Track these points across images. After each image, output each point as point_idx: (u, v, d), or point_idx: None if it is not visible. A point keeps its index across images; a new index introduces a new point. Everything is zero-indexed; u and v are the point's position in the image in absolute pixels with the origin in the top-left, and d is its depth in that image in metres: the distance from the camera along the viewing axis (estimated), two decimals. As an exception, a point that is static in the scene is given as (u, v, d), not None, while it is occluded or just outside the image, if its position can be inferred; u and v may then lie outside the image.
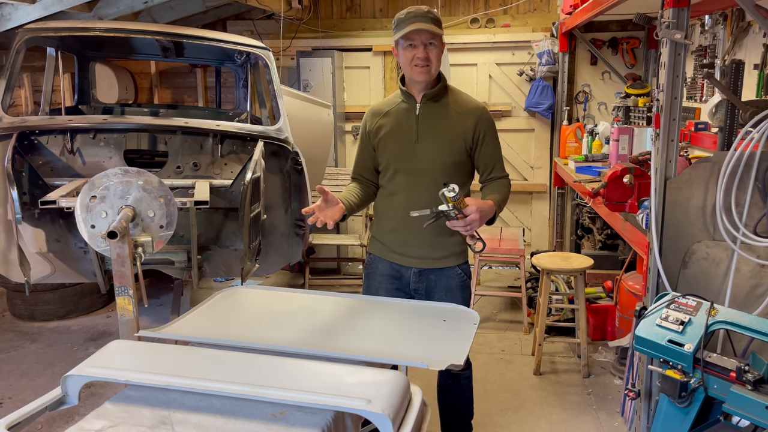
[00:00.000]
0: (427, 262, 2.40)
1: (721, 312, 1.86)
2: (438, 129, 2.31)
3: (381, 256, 2.48)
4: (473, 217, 2.06)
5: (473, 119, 2.31)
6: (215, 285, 5.25)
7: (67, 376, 1.58)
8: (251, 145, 3.34)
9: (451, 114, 2.32)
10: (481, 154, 2.35)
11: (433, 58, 2.23)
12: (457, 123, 2.31)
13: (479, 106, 2.37)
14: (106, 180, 2.27)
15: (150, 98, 6.01)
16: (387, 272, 2.46)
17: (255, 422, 1.48)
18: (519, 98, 5.64)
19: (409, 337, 1.96)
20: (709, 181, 2.30)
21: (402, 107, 2.36)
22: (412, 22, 2.18)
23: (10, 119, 3.13)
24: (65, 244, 3.19)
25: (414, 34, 2.19)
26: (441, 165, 2.29)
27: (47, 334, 4.34)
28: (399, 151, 2.34)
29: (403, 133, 2.33)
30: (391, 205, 2.40)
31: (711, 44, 3.78)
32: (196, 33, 3.65)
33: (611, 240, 4.81)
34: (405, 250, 2.41)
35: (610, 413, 3.26)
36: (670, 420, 1.91)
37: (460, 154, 2.32)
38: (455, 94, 2.38)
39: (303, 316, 2.12)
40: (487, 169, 2.39)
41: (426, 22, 2.18)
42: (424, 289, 2.43)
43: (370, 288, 2.50)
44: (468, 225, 2.07)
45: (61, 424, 3.00)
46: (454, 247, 2.39)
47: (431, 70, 2.25)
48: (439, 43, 2.24)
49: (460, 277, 2.43)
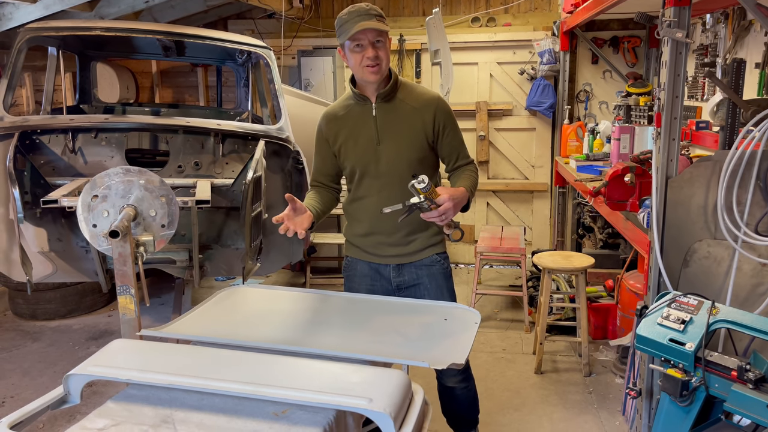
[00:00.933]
0: (404, 258, 2.39)
1: (723, 311, 1.86)
2: (398, 128, 2.28)
3: (358, 257, 2.46)
4: (447, 206, 2.03)
5: (431, 112, 2.28)
6: (216, 284, 5.26)
7: (69, 375, 1.59)
8: (252, 145, 3.34)
9: (408, 110, 2.29)
10: (443, 145, 2.33)
11: (382, 56, 2.18)
12: (415, 119, 2.28)
13: (434, 97, 2.33)
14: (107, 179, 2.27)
15: (151, 97, 6.01)
16: (366, 272, 2.45)
17: (257, 421, 1.49)
18: (520, 97, 5.64)
19: (411, 336, 1.96)
20: (710, 179, 2.30)
21: (357, 110, 2.32)
22: (356, 21, 2.12)
23: (11, 119, 3.14)
24: (67, 243, 3.20)
25: (360, 34, 2.13)
26: (406, 163, 2.27)
27: (49, 333, 4.34)
28: (362, 155, 2.31)
29: (363, 137, 2.30)
30: (361, 208, 2.38)
31: (712, 43, 3.77)
32: (197, 32, 3.65)
33: (612, 239, 4.81)
34: (380, 250, 2.40)
35: (612, 412, 3.26)
36: (671, 419, 1.91)
37: (423, 149, 2.30)
38: (408, 89, 2.33)
39: (304, 315, 2.13)
40: (452, 159, 2.37)
41: (370, 20, 2.12)
42: (407, 282, 2.42)
43: (351, 289, 2.48)
44: (442, 214, 2.04)
45: (62, 423, 3.00)
46: (428, 240, 2.39)
47: (382, 69, 2.20)
48: (386, 40, 2.20)
49: (441, 265, 2.42)
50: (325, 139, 2.38)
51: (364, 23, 2.11)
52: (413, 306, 2.23)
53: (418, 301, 2.28)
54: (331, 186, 2.45)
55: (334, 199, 2.45)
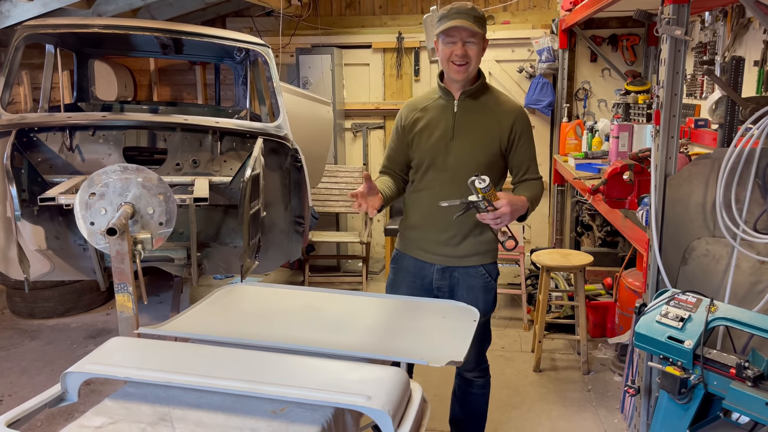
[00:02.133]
0: (450, 260, 2.38)
1: (721, 308, 1.86)
2: (475, 127, 2.29)
3: (406, 252, 2.47)
4: (504, 210, 2.04)
5: (510, 119, 2.30)
6: (215, 282, 5.26)
7: (67, 373, 1.58)
8: (251, 142, 3.33)
9: (489, 113, 2.30)
10: (515, 155, 2.34)
11: (471, 56, 2.21)
12: (493, 122, 2.30)
13: (517, 106, 2.36)
14: (105, 177, 2.27)
15: (149, 95, 5.99)
16: (411, 268, 2.45)
17: (255, 419, 1.48)
18: (519, 95, 5.63)
19: (409, 334, 1.96)
20: (709, 177, 2.30)
21: (439, 103, 2.35)
22: (453, 18, 2.16)
23: (9, 116, 3.12)
24: (65, 241, 3.19)
25: (453, 30, 2.17)
26: (474, 163, 2.26)
27: (47, 331, 4.34)
28: (433, 146, 2.32)
29: (438, 129, 2.32)
30: (419, 201, 2.39)
31: (711, 41, 3.77)
32: (195, 30, 3.64)
33: (611, 237, 4.81)
34: (429, 246, 2.40)
35: (610, 410, 3.26)
36: (669, 416, 1.91)
37: (494, 154, 2.31)
38: (494, 93, 2.36)
39: (303, 313, 2.12)
40: (521, 170, 2.37)
41: (467, 19, 2.15)
42: (447, 287, 2.41)
43: (394, 283, 2.50)
44: (498, 218, 2.06)
45: (60, 421, 3.00)
46: (479, 247, 2.37)
47: (469, 69, 2.23)
48: (479, 42, 2.21)
49: (484, 278, 2.40)
50: (402, 126, 2.40)
51: (459, 21, 2.15)
52: (412, 304, 2.22)
53: (416, 299, 2.28)
54: (401, 175, 2.46)
55: (401, 188, 2.46)
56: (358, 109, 5.82)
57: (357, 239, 5.20)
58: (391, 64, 5.72)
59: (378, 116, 5.84)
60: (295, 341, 1.82)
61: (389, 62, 5.72)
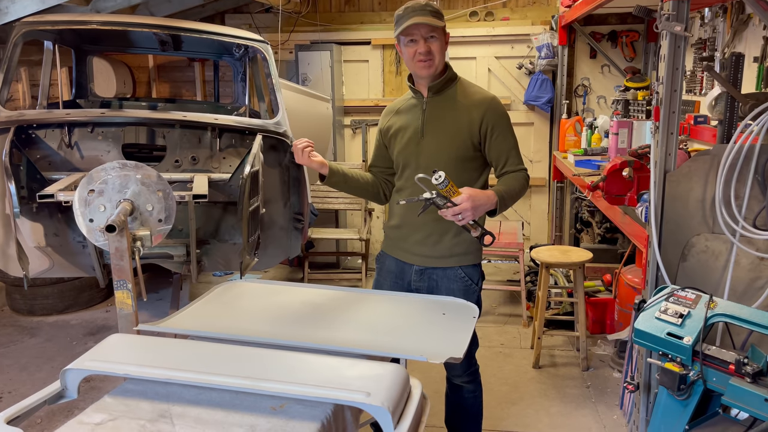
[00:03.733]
0: (428, 260, 2.36)
1: (721, 305, 1.86)
2: (442, 123, 2.27)
3: (387, 252, 2.48)
4: (463, 206, 1.98)
5: (480, 112, 2.24)
6: (214, 279, 5.26)
7: (66, 369, 1.58)
8: (250, 139, 3.32)
9: (458, 107, 2.27)
10: (491, 148, 2.27)
11: (435, 51, 2.19)
12: (462, 116, 2.26)
13: (487, 97, 2.29)
14: (104, 174, 2.26)
15: (148, 92, 5.99)
16: (392, 268, 2.45)
17: (254, 415, 1.49)
18: (518, 92, 5.63)
19: (409, 331, 1.96)
20: (708, 173, 2.30)
21: (411, 104, 2.35)
22: (410, 16, 2.15)
23: (7, 113, 3.12)
24: (64, 238, 3.18)
25: (413, 28, 2.16)
26: (447, 160, 2.23)
27: (46, 328, 4.34)
28: (406, 147, 2.33)
29: (410, 130, 2.32)
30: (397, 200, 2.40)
31: (711, 37, 3.77)
32: (193, 26, 3.63)
33: (610, 233, 4.82)
34: (407, 246, 2.40)
35: (609, 406, 3.27)
36: (669, 412, 1.92)
37: (465, 148, 2.26)
38: (464, 86, 2.32)
39: (302, 310, 2.12)
40: (500, 163, 2.29)
41: (424, 15, 2.15)
42: (425, 288, 2.39)
43: (378, 283, 2.51)
44: (458, 213, 1.99)
45: (60, 418, 3.00)
46: (456, 248, 2.33)
47: (434, 64, 2.21)
48: (440, 36, 2.20)
49: (464, 281, 2.34)
50: (380, 130, 2.44)
51: (417, 18, 2.14)
52: (411, 300, 2.22)
53: (416, 296, 2.27)
54: (383, 175, 2.48)
55: (377, 183, 2.46)
56: (357, 105, 5.81)
57: (356, 236, 5.20)
58: (390, 61, 5.71)
59: (377, 113, 5.83)
60: (295, 338, 1.82)
61: (388, 59, 5.71)
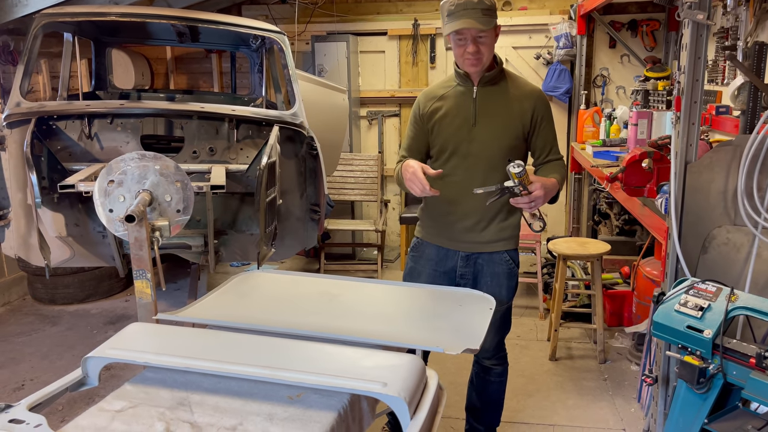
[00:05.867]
0: (475, 246, 2.39)
1: (742, 298, 1.83)
2: (496, 113, 2.30)
3: (429, 240, 2.47)
4: (538, 194, 2.08)
5: (531, 102, 2.30)
6: (231, 269, 5.29)
7: (87, 357, 1.61)
8: (267, 130, 3.33)
9: (509, 98, 2.30)
10: (538, 137, 2.35)
11: (484, 51, 2.19)
12: (514, 107, 2.30)
13: (536, 89, 2.36)
14: (123, 164, 2.28)
15: (166, 84, 6.02)
16: (433, 256, 2.45)
17: (272, 404, 1.50)
18: (536, 82, 5.55)
19: (425, 322, 1.96)
20: (730, 165, 2.26)
21: (458, 90, 2.34)
22: (460, 16, 2.12)
23: (28, 104, 3.15)
24: (84, 228, 3.22)
25: (462, 30, 2.15)
26: (498, 148, 2.28)
27: (67, 317, 4.40)
28: (456, 134, 2.32)
29: (460, 117, 2.31)
30: (444, 187, 2.34)
31: (733, 26, 3.69)
32: (211, 17, 3.64)
33: (629, 225, 4.77)
34: (453, 234, 2.40)
35: (627, 399, 3.25)
36: (687, 406, 1.90)
37: (516, 138, 2.31)
38: (512, 78, 2.36)
39: (319, 300, 2.13)
40: (544, 152, 2.39)
41: (474, 17, 2.11)
42: (470, 274, 2.41)
43: (414, 271, 2.49)
44: (532, 201, 2.09)
45: (81, 405, 3.05)
46: (503, 232, 2.39)
47: (483, 62, 2.22)
48: (490, 34, 2.19)
49: (508, 264, 2.41)
50: (421, 115, 2.40)
51: (467, 21, 2.11)
52: (428, 291, 2.22)
53: (432, 287, 2.27)
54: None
55: None
56: (373, 96, 5.80)
57: (372, 227, 5.20)
58: (406, 52, 5.68)
59: (393, 104, 5.82)
60: (311, 328, 1.83)
61: (405, 49, 5.69)
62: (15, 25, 4.33)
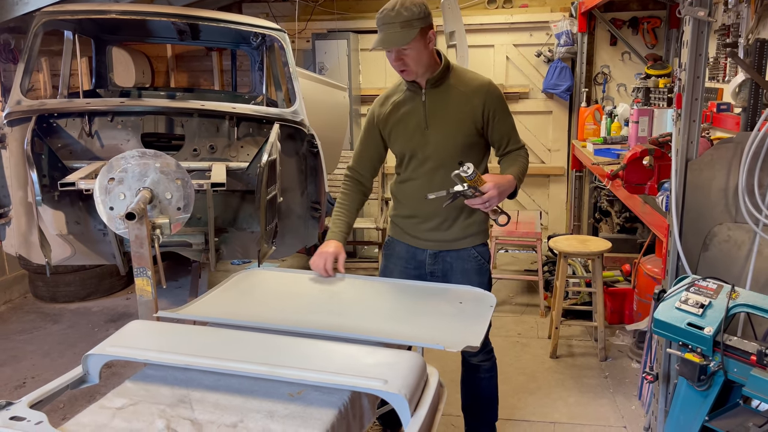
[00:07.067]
0: (442, 245, 2.40)
1: (743, 295, 1.83)
2: (446, 114, 2.28)
3: (398, 238, 2.49)
4: (491, 194, 2.07)
5: (480, 98, 2.27)
6: (232, 267, 5.30)
7: (88, 355, 1.61)
8: (267, 128, 3.33)
9: (458, 96, 2.28)
10: (494, 131, 2.33)
11: (409, 62, 2.18)
12: (464, 104, 2.28)
13: (484, 82, 2.31)
14: (124, 162, 2.28)
15: (166, 82, 6.02)
16: (403, 254, 2.47)
17: (272, 401, 1.50)
18: (537, 80, 5.57)
19: (426, 319, 1.96)
20: (731, 162, 2.26)
21: (408, 95, 2.33)
22: (381, 30, 2.13)
23: (29, 102, 3.15)
24: (85, 226, 3.23)
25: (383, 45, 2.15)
26: (453, 148, 2.28)
27: (68, 315, 4.41)
28: (411, 139, 2.32)
29: (412, 121, 2.31)
30: (406, 191, 2.41)
31: (734, 23, 3.69)
32: (211, 15, 3.64)
33: (629, 223, 4.77)
34: (420, 233, 2.41)
35: (628, 396, 3.25)
36: (688, 403, 1.90)
37: (471, 135, 2.30)
38: (459, 74, 2.32)
39: (320, 298, 2.13)
40: (502, 144, 2.37)
41: (391, 32, 2.10)
42: (440, 271, 2.42)
43: (386, 269, 2.52)
44: (486, 202, 2.09)
45: (82, 402, 3.05)
46: (469, 229, 2.38)
47: (412, 72, 2.21)
48: (416, 43, 2.14)
49: (477, 260, 2.41)
50: (376, 123, 2.40)
51: (383, 40, 2.12)
52: (429, 289, 2.22)
53: (433, 284, 2.27)
54: (363, 182, 2.48)
55: (361, 200, 2.49)
56: (374, 94, 5.78)
57: (373, 225, 5.20)
58: (407, 49, 5.67)
59: (394, 102, 5.81)
60: (312, 325, 1.83)
61: (406, 47, 5.67)
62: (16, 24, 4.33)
